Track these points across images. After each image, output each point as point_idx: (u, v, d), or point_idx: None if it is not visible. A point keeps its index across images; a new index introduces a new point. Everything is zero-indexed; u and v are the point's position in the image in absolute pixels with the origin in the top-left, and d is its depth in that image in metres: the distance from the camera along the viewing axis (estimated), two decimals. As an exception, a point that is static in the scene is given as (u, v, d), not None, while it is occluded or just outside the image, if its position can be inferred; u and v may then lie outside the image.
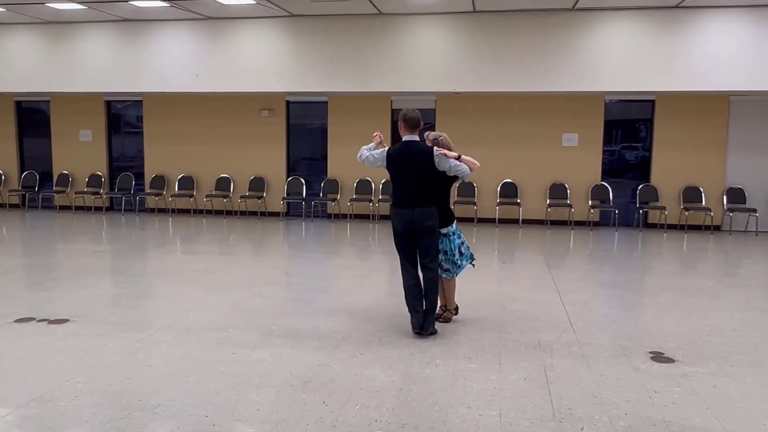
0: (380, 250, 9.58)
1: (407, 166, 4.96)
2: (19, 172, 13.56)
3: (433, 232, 5.03)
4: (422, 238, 5.01)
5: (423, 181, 4.95)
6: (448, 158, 4.97)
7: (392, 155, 5.03)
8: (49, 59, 11.84)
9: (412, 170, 4.95)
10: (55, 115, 13.28)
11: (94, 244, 9.79)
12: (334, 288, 6.93)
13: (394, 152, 5.04)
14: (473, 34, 10.45)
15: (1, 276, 7.10)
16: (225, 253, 8.99)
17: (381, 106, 12.01)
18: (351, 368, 4.30)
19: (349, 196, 12.13)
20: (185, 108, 12.63)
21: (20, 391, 3.86)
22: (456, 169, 4.99)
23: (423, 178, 4.95)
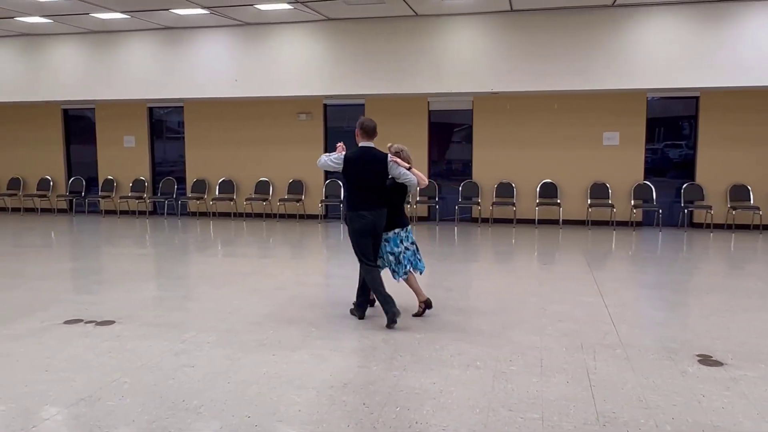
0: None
1: (364, 170, 5.31)
2: (67, 178, 13.96)
3: (381, 233, 5.46)
4: (375, 238, 5.42)
5: (378, 185, 5.33)
6: (399, 166, 5.35)
7: (350, 159, 5.34)
8: (94, 68, 12.16)
9: (369, 174, 5.31)
10: (100, 122, 13.64)
11: (138, 247, 10.01)
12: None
13: (352, 156, 5.36)
14: (510, 33, 10.36)
15: (51, 279, 7.32)
16: (265, 256, 9.09)
17: (418, 108, 12.00)
18: (391, 370, 4.30)
19: (387, 198, 12.14)
20: (225, 113, 12.83)
21: (69, 390, 3.97)
22: (404, 177, 5.37)
23: (378, 183, 5.33)
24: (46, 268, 7.96)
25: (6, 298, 6.30)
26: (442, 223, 11.92)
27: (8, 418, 3.58)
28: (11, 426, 3.48)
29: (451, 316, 5.65)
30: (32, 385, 4.05)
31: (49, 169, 13.96)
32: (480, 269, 8.18)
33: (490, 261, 8.82)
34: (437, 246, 9.81)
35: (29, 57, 12.43)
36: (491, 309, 5.89)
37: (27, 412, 3.67)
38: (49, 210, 13.93)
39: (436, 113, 12.20)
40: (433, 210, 12.20)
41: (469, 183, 11.90)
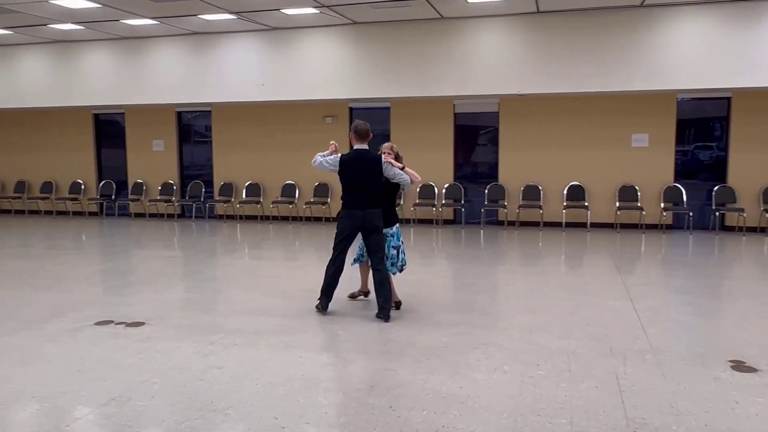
0: (444, 255, 9.54)
1: (359, 171, 5.57)
2: (97, 182, 14.22)
3: (380, 230, 5.66)
4: (372, 235, 5.62)
5: (372, 186, 5.59)
6: (393, 167, 5.62)
7: (345, 161, 5.62)
8: (124, 73, 12.38)
9: (364, 175, 5.57)
10: (130, 126, 13.87)
11: (167, 250, 10.15)
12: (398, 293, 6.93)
13: (347, 159, 5.63)
14: (537, 34, 10.30)
15: (82, 281, 7.46)
16: (291, 259, 9.15)
17: (443, 110, 11.99)
18: (417, 373, 4.29)
19: (413, 200, 12.15)
20: (251, 117, 12.96)
21: (100, 390, 4.04)
22: (398, 177, 5.64)
23: (372, 183, 5.58)
24: (78, 270, 8.11)
25: (40, 299, 6.44)
26: (468, 226, 11.88)
27: (42, 417, 3.66)
28: (45, 425, 3.56)
29: (478, 319, 5.63)
30: (65, 385, 4.13)
31: (80, 173, 14.23)
32: (506, 273, 8.13)
33: (517, 264, 8.76)
34: (463, 249, 9.77)
35: (61, 63, 12.70)
36: (518, 313, 5.85)
37: (60, 411, 3.74)
38: (81, 213, 14.20)
39: (461, 116, 12.17)
40: (458, 213, 12.16)
41: (495, 186, 11.84)
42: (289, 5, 9.72)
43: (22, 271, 8.09)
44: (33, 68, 12.89)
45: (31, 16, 10.23)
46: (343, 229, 5.66)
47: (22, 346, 4.96)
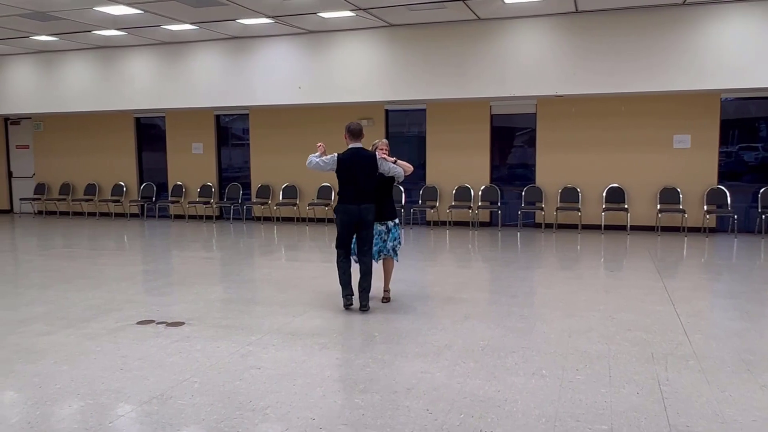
0: (480, 257, 9.47)
1: (356, 168, 5.93)
2: (139, 184, 14.53)
3: (372, 224, 6.01)
4: (363, 229, 5.98)
5: (368, 182, 5.95)
6: (387, 161, 6.01)
7: (343, 160, 5.98)
8: (165, 77, 12.63)
9: (360, 172, 5.93)
10: (170, 129, 14.14)
11: (205, 251, 10.32)
12: (434, 295, 6.92)
13: (345, 157, 5.98)
14: (575, 35, 10.16)
15: (124, 281, 7.63)
16: (327, 261, 9.18)
17: (480, 112, 11.92)
18: (454, 377, 4.27)
19: (448, 203, 12.10)
20: (288, 119, 13.08)
21: (142, 388, 4.12)
22: (393, 170, 6.02)
23: (368, 180, 5.95)
24: (120, 271, 8.30)
25: (84, 299, 6.60)
26: (505, 229, 11.78)
27: (86, 414, 3.75)
28: (89, 421, 3.65)
29: (516, 323, 5.57)
30: (108, 383, 4.22)
31: (122, 176, 14.57)
32: (544, 276, 8.03)
33: (555, 267, 8.65)
34: (500, 252, 9.69)
35: (104, 68, 13.03)
36: (556, 316, 5.78)
37: (104, 408, 3.83)
38: (122, 215, 14.52)
39: (498, 117, 12.08)
40: (494, 215, 12.07)
41: (532, 187, 11.72)
42: (326, 9, 9.79)
43: (67, 271, 8.31)
44: (77, 74, 13.25)
45: (76, 23, 10.52)
46: (343, 224, 6.00)
47: (67, 344, 5.09)
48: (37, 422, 3.65)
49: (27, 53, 13.38)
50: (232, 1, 9.21)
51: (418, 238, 11.13)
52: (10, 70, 13.67)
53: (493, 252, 9.72)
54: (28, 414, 3.76)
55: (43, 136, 15.25)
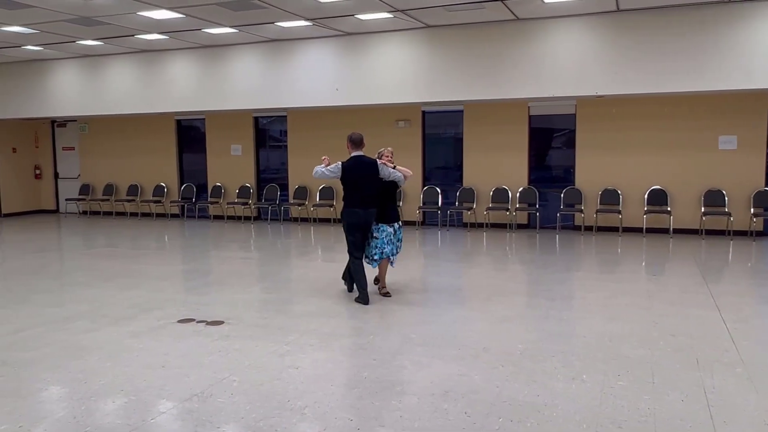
0: (518, 259, 9.38)
1: (360, 174, 6.36)
2: (179, 185, 14.79)
3: (370, 228, 6.45)
4: (365, 232, 6.43)
5: (371, 187, 6.35)
6: (388, 167, 6.45)
7: (347, 167, 6.39)
8: (205, 80, 12.83)
9: (364, 178, 6.35)
10: (210, 131, 14.36)
11: (244, 251, 10.45)
12: (470, 297, 6.87)
13: (349, 165, 6.39)
14: (617, 34, 9.98)
15: (165, 280, 7.77)
16: (364, 262, 9.19)
17: (518, 113, 11.80)
18: (492, 380, 4.23)
19: (486, 204, 12.01)
20: (325, 121, 13.15)
21: (183, 386, 4.19)
22: (393, 175, 6.47)
23: (371, 185, 6.36)
24: (161, 270, 8.46)
25: (127, 297, 6.75)
26: (543, 231, 11.63)
27: (129, 410, 3.82)
28: (132, 417, 3.72)
29: (554, 326, 5.50)
30: (150, 380, 4.30)
31: (163, 177, 14.85)
32: (583, 279, 7.91)
33: (595, 270, 8.51)
34: (538, 254, 9.58)
35: (146, 72, 13.29)
36: (596, 321, 5.68)
37: (146, 405, 3.90)
38: (163, 215, 14.79)
39: (536, 118, 11.94)
40: (533, 217, 11.93)
41: (572, 189, 11.55)
42: (364, 11, 9.82)
43: (110, 270, 8.50)
44: (121, 77, 13.55)
45: (120, 27, 10.76)
46: (350, 227, 6.40)
47: (110, 341, 5.21)
48: (82, 417, 3.74)
49: (73, 57, 13.75)
50: (270, 5, 9.31)
51: (454, 239, 11.07)
52: (57, 74, 14.06)
53: (530, 254, 9.61)
54: (74, 409, 3.85)
55: (88, 138, 15.66)
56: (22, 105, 14.36)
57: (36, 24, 10.40)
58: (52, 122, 15.97)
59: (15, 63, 14.24)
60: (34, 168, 16.11)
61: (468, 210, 12.02)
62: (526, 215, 12.05)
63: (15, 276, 8.37)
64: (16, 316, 6.08)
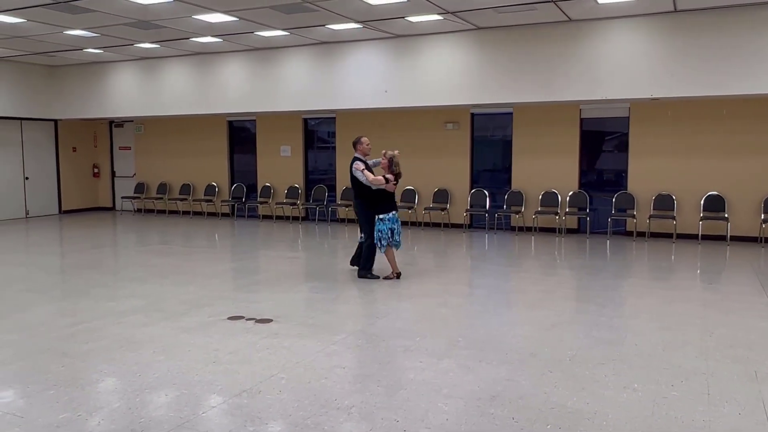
0: (567, 264, 9.23)
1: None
2: (230, 184, 15.10)
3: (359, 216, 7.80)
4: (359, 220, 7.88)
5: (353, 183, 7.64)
6: (357, 169, 7.49)
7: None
8: (256, 82, 13.05)
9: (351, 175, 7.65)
10: (260, 132, 14.61)
11: (292, 251, 10.58)
12: (518, 302, 6.80)
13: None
14: (673, 35, 9.72)
15: (216, 277, 7.94)
16: (410, 264, 9.19)
17: (569, 115, 11.61)
18: (540, 386, 4.17)
19: (534, 208, 11.86)
20: (374, 123, 13.19)
21: (233, 382, 4.27)
22: (360, 177, 7.48)
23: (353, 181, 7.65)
24: (211, 268, 8.64)
25: (179, 293, 6.92)
26: (593, 236, 11.40)
27: (181, 404, 3.92)
28: (184, 410, 3.81)
29: (605, 333, 5.39)
30: (201, 374, 4.40)
31: (215, 176, 15.17)
32: (635, 286, 7.73)
33: (647, 277, 8.30)
34: (588, 260, 9.41)
35: (200, 74, 13.61)
36: (649, 329, 5.54)
37: (197, 399, 4.00)
38: (214, 214, 15.11)
39: (587, 121, 11.73)
40: (583, 222, 11.72)
41: (624, 194, 11.30)
42: (414, 13, 9.83)
43: (163, 267, 8.74)
44: (175, 79, 13.91)
45: (176, 31, 11.05)
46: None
47: (163, 335, 5.35)
48: (136, 408, 3.85)
49: (130, 60, 14.19)
50: (322, 7, 9.41)
51: (502, 243, 10.97)
52: (116, 77, 14.53)
53: (580, 260, 9.45)
54: (129, 400, 3.97)
55: (143, 138, 16.15)
56: (82, 106, 14.90)
57: (97, 28, 10.77)
58: (110, 123, 16.52)
59: (76, 65, 14.79)
60: (93, 167, 16.69)
61: (516, 213, 11.89)
62: (576, 220, 11.84)
63: (74, 270, 8.69)
64: (76, 309, 6.31)
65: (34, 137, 15.18)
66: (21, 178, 14.89)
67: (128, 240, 12.07)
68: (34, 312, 6.21)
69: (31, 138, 15.10)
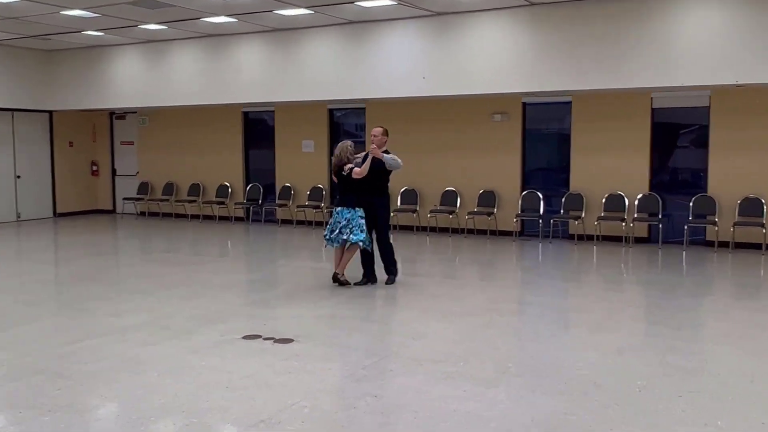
0: (635, 279, 9.12)
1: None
2: (245, 185, 15.26)
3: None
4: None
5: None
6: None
7: None
8: (274, 67, 13.18)
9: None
10: (279, 125, 14.74)
11: (315, 260, 10.66)
12: (578, 323, 6.74)
13: None
14: (763, 12, 9.53)
15: (229, 290, 8.04)
16: (451, 276, 9.22)
17: (638, 105, 11.46)
18: (604, 421, 4.13)
19: (596, 213, 11.73)
20: (409, 114, 13.21)
21: (249, 410, 4.31)
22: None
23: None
24: (224, 279, 8.75)
25: (187, 309, 7.02)
26: (666, 246, 11.23)
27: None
28: (194, 441, 3.87)
29: (680, 360, 5.31)
30: (213, 401, 4.46)
31: (227, 175, 15.33)
32: (717, 305, 7.60)
33: (732, 295, 8.16)
34: (660, 274, 9.28)
35: (212, 59, 13.80)
36: (734, 356, 5.44)
37: (208, 429, 4.06)
38: (227, 218, 15.29)
39: (660, 112, 11.58)
40: (654, 229, 11.56)
41: (703, 197, 11.12)
42: (457, -13, 9.83)
43: (170, 277, 8.88)
44: (184, 65, 14.14)
45: (185, 10, 11.25)
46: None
47: (170, 356, 5.44)
48: (141, 438, 3.92)
49: (134, 43, 14.47)
50: (351, -18, 9.48)
51: (558, 253, 10.88)
52: (118, 62, 14.84)
53: (651, 274, 9.32)
54: (132, 428, 4.04)
55: (147, 131, 16.43)
56: (80, 95, 15.24)
57: (97, 7, 11.02)
58: (110, 114, 16.87)
59: (74, 50, 15.13)
60: (91, 164, 17.03)
61: (575, 219, 11.78)
62: (646, 227, 11.68)
63: (71, 281, 8.89)
64: (72, 325, 6.45)
65: (27, 131, 15.56)
66: (12, 176, 15.27)
67: (131, 247, 12.30)
68: (28, 328, 6.37)
69: (23, 131, 15.48)
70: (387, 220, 8.42)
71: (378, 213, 8.06)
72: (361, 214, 7.87)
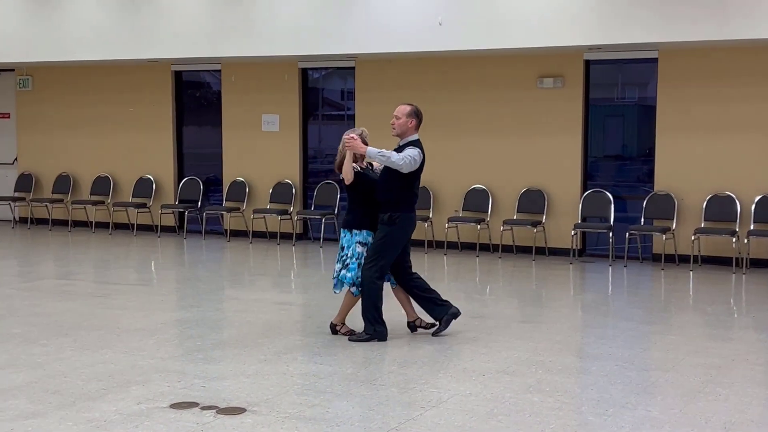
0: (752, 322, 9.12)
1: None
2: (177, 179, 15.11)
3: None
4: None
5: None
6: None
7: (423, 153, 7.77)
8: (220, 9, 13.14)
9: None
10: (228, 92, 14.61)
11: (279, 291, 10.62)
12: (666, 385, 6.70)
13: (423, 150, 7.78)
14: None
15: (150, 336, 7.96)
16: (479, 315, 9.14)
17: (754, 66, 11.49)
18: None
19: (694, 224, 11.70)
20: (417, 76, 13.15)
21: None
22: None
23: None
24: (144, 319, 8.68)
25: (88, 363, 6.96)
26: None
27: None
28: None
29: None
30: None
31: (150, 165, 15.23)
32: None
33: None
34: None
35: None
36: None
37: None
38: (149, 227, 15.15)
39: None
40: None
41: None
42: None
43: (63, 316, 8.82)
44: (85, 5, 13.99)
45: None
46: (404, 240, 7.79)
47: (62, 434, 5.37)
48: None
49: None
50: None
51: (637, 282, 10.87)
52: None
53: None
54: None
55: (30, 99, 16.29)
56: None
57: None
58: (-25, 73, 16.74)
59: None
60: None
61: (662, 233, 11.76)
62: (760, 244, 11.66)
63: None
64: None
65: None
66: None
67: (5, 271, 12.21)
68: None
69: None
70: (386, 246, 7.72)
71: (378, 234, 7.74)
72: (362, 239, 7.77)
